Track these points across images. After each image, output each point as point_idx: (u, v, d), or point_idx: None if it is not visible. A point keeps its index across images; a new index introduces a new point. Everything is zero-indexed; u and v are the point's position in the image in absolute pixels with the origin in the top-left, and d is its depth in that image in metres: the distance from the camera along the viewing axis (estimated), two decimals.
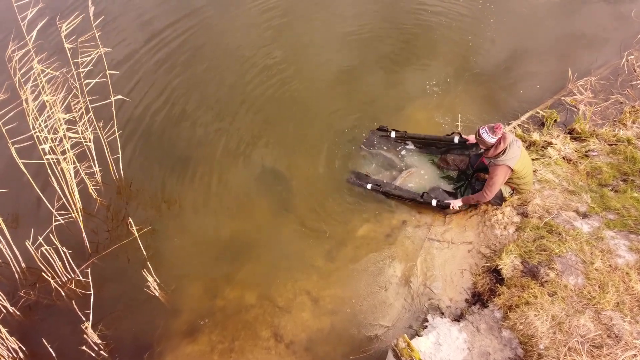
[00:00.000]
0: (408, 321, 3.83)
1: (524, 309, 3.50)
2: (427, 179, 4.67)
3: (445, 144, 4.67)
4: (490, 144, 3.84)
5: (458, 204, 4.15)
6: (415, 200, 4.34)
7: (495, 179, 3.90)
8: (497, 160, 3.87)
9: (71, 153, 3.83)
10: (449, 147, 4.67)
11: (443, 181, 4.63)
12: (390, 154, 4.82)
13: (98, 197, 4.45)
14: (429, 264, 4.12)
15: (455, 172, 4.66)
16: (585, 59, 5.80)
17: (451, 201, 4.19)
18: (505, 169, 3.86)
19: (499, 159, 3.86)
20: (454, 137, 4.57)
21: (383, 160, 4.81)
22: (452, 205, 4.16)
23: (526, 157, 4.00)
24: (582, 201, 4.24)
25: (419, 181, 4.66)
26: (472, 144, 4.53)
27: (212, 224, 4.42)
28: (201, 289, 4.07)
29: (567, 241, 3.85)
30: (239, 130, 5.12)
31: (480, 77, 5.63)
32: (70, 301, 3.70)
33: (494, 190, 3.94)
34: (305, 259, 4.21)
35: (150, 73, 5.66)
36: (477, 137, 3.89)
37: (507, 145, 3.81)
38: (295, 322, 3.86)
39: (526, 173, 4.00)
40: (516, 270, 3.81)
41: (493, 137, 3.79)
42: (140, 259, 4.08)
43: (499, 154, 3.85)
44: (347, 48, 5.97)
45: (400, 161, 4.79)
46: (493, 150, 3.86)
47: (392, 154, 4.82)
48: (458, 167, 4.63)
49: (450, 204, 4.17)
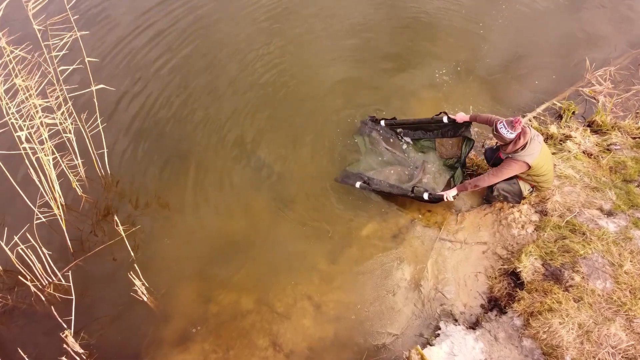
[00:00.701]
0: (418, 329, 3.52)
1: (547, 316, 3.19)
2: (434, 170, 4.37)
3: (435, 125, 4.34)
4: (509, 140, 3.52)
5: (452, 194, 3.81)
6: (406, 195, 4.01)
7: (505, 170, 3.60)
8: (515, 155, 3.56)
9: (50, 143, 3.50)
10: (441, 131, 4.35)
11: (448, 170, 4.33)
12: (395, 150, 4.50)
13: (83, 194, 4.13)
14: (441, 266, 3.80)
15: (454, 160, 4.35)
16: (604, 48, 5.48)
17: (443, 192, 3.85)
18: (522, 164, 3.56)
19: (518, 154, 3.54)
20: (442, 116, 4.24)
21: (390, 157, 4.49)
22: (446, 196, 3.81)
23: (547, 153, 3.68)
24: (606, 198, 3.92)
25: (431, 176, 4.35)
26: (462, 124, 4.17)
27: (206, 223, 4.09)
28: (193, 293, 3.75)
29: (593, 241, 3.53)
30: (235, 123, 4.78)
31: (492, 67, 5.31)
32: (50, 307, 3.37)
33: (498, 179, 3.66)
34: (306, 260, 3.89)
35: (136, 61, 5.29)
36: (494, 132, 3.57)
37: (527, 141, 3.49)
38: (295, 329, 3.54)
39: (546, 170, 3.68)
40: (537, 273, 3.49)
41: (512, 132, 3.46)
42: (127, 260, 3.77)
43: (518, 149, 3.53)
44: (352, 40, 5.63)
45: (406, 157, 4.47)
46: (512, 145, 3.53)
47: (397, 151, 4.49)
48: (456, 155, 4.34)
49: (443, 195, 3.83)
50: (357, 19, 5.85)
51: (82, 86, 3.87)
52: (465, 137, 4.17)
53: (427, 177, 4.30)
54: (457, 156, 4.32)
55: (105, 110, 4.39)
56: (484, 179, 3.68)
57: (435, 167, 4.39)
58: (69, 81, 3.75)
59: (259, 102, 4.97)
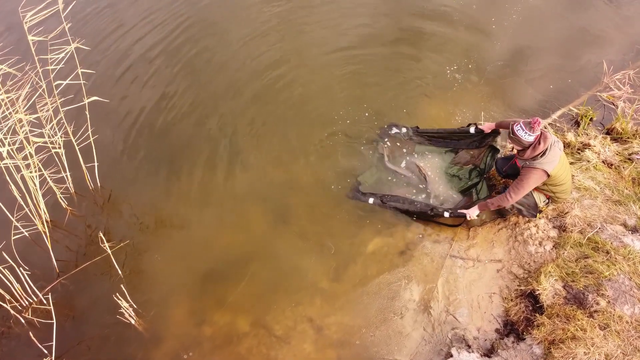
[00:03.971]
0: (428, 355, 3.24)
1: (570, 344, 2.91)
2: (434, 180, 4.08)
3: (459, 136, 4.09)
4: (528, 144, 3.22)
5: (475, 213, 3.55)
6: (425, 213, 3.75)
7: (525, 183, 3.29)
8: (533, 162, 3.26)
9: (35, 158, 3.24)
10: (466, 141, 4.09)
11: (453, 181, 4.05)
12: (397, 168, 4.21)
13: (68, 207, 3.87)
14: (452, 286, 3.52)
15: (466, 170, 4.06)
16: (622, 50, 5.19)
17: (465, 211, 3.58)
18: (541, 173, 3.26)
19: (536, 161, 3.25)
20: (470, 128, 3.98)
21: (394, 175, 4.20)
22: (468, 215, 3.55)
23: (565, 161, 3.41)
24: (630, 212, 3.64)
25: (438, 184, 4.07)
26: (489, 133, 3.91)
27: (200, 238, 3.82)
28: (186, 314, 3.48)
29: (618, 261, 3.25)
30: (231, 133, 4.50)
31: (504, 70, 5.03)
32: (29, 332, 3.11)
33: (520, 195, 3.34)
34: (307, 279, 3.62)
35: (131, 71, 5.04)
36: (511, 135, 3.27)
37: (548, 147, 3.20)
38: (295, 355, 3.27)
39: (564, 179, 3.40)
40: (558, 296, 3.21)
41: (531, 134, 3.17)
42: (114, 279, 3.51)
43: (537, 155, 3.24)
44: (357, 41, 5.36)
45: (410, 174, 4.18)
46: (531, 151, 3.24)
47: (398, 169, 4.21)
48: (473, 163, 4.05)
49: (466, 213, 3.57)
50: (363, 20, 5.59)
51: (75, 99, 3.61)
52: (491, 147, 3.91)
53: (439, 188, 4.02)
54: (475, 165, 4.04)
55: (96, 123, 4.12)
56: (506, 198, 3.38)
57: (436, 174, 4.12)
58: (61, 94, 3.49)
59: (257, 111, 4.69)
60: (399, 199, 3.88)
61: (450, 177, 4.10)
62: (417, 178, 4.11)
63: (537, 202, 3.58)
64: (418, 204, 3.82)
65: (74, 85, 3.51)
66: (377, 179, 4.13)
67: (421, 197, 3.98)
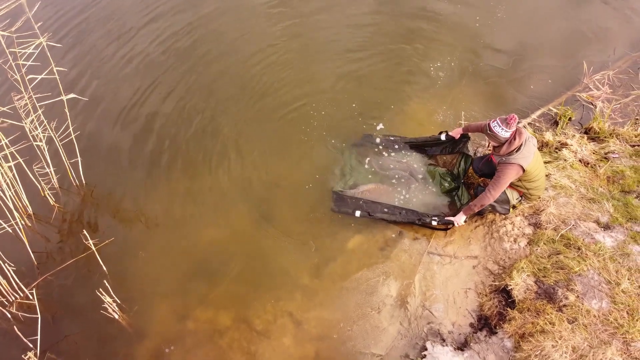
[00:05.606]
0: (404, 349, 3.33)
1: (539, 338, 3.00)
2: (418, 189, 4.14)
3: (433, 144, 4.21)
4: (504, 139, 3.32)
5: (462, 219, 3.63)
6: (413, 223, 3.82)
7: (503, 178, 3.38)
8: (509, 158, 3.36)
9: (12, 149, 3.30)
10: (439, 147, 4.20)
11: (436, 179, 4.14)
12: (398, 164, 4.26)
13: (56, 204, 3.95)
14: (429, 281, 3.61)
15: (446, 172, 4.15)
16: (602, 51, 5.29)
17: (452, 218, 3.66)
18: (517, 168, 3.35)
19: (512, 156, 3.34)
20: (441, 135, 4.08)
21: (380, 169, 4.27)
22: (456, 222, 3.64)
23: (539, 158, 3.51)
24: (603, 210, 3.73)
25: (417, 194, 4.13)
26: (460, 138, 4.01)
27: (184, 236, 3.90)
28: (169, 309, 3.56)
29: (588, 257, 3.34)
30: (216, 131, 4.59)
31: (487, 71, 5.13)
32: (13, 326, 3.19)
33: (498, 190, 3.43)
34: (289, 275, 3.70)
35: (109, 67, 5.12)
36: (488, 131, 3.37)
37: (523, 142, 3.30)
38: (274, 349, 3.35)
39: (538, 176, 3.51)
40: (529, 291, 3.30)
41: (507, 130, 3.28)
42: (99, 275, 3.58)
43: (513, 151, 3.33)
44: (344, 45, 5.45)
45: (393, 168, 4.25)
46: (507, 146, 3.34)
47: (382, 162, 4.28)
48: (448, 168, 4.15)
49: (453, 221, 3.65)
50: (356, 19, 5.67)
51: (54, 95, 3.68)
52: (463, 153, 4.01)
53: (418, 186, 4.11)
54: (449, 169, 4.15)
55: (79, 119, 4.19)
56: (487, 196, 3.45)
57: (421, 173, 4.21)
58: (40, 90, 3.56)
59: (242, 110, 4.78)
60: (385, 208, 3.87)
61: (432, 175, 4.17)
62: (401, 171, 4.18)
63: (510, 199, 3.67)
64: (405, 212, 3.82)
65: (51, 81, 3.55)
66: (353, 180, 4.18)
67: (406, 196, 4.04)
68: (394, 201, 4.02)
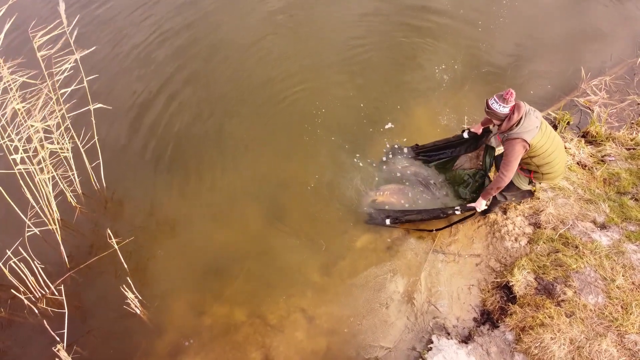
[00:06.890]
0: (411, 342, 3.52)
1: (538, 330, 3.18)
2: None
3: (456, 143, 4.21)
4: (504, 115, 3.22)
5: (483, 203, 3.60)
6: (438, 217, 3.90)
7: (511, 156, 3.24)
8: (510, 133, 3.23)
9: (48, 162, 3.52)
10: (464, 146, 4.20)
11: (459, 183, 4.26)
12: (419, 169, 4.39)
13: (77, 205, 4.14)
14: (434, 279, 3.80)
15: (472, 172, 4.22)
16: (599, 58, 5.49)
17: (473, 204, 3.65)
18: (521, 143, 3.19)
19: (513, 131, 3.22)
20: (463, 133, 4.10)
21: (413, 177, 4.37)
22: (477, 207, 3.62)
23: (549, 132, 3.29)
24: (600, 211, 3.92)
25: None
26: (482, 134, 3.97)
27: (200, 235, 4.09)
28: (187, 305, 3.75)
29: (585, 255, 3.52)
30: (231, 135, 4.78)
31: (488, 76, 5.32)
32: (43, 320, 3.38)
33: (510, 169, 3.29)
34: (300, 273, 3.89)
35: (133, 75, 5.31)
36: (487, 109, 3.30)
37: (522, 115, 3.21)
38: (288, 343, 3.54)
39: (547, 152, 3.26)
40: (529, 287, 3.49)
41: (505, 105, 3.19)
42: (121, 272, 3.77)
43: (513, 125, 3.23)
44: (347, 48, 5.64)
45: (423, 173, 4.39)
46: (506, 122, 3.24)
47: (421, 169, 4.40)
48: (475, 167, 4.19)
49: (474, 206, 3.64)
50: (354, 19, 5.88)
51: (80, 104, 3.88)
52: (487, 146, 3.99)
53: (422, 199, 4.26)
54: (478, 167, 4.18)
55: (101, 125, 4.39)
56: (500, 177, 3.34)
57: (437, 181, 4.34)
58: (68, 100, 3.76)
59: (256, 112, 4.98)
60: (412, 212, 3.99)
61: (453, 180, 4.27)
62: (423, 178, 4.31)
63: (519, 185, 3.61)
64: (429, 210, 3.93)
65: (78, 91, 3.73)
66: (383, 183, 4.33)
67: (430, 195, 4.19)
68: (417, 200, 4.15)
